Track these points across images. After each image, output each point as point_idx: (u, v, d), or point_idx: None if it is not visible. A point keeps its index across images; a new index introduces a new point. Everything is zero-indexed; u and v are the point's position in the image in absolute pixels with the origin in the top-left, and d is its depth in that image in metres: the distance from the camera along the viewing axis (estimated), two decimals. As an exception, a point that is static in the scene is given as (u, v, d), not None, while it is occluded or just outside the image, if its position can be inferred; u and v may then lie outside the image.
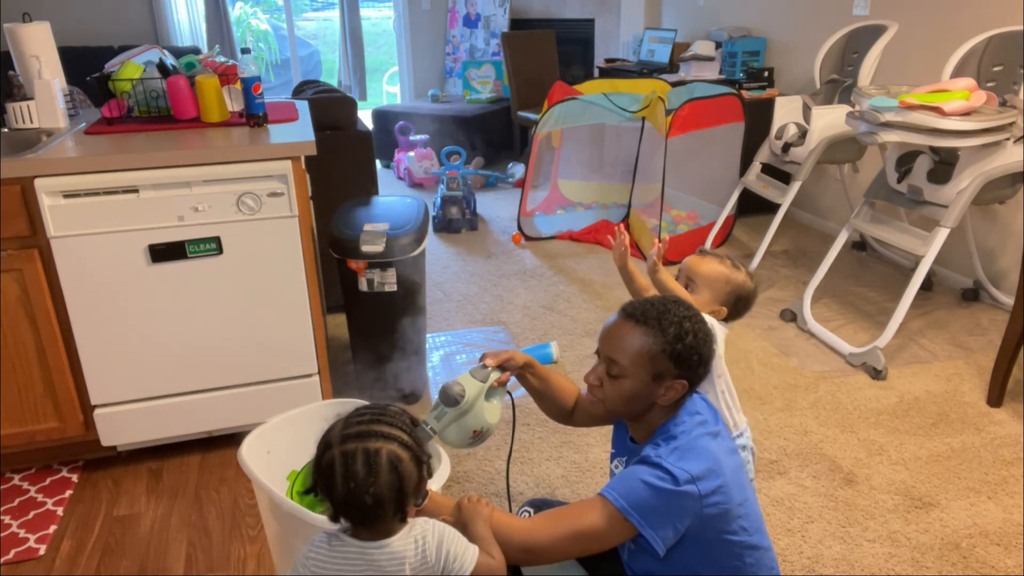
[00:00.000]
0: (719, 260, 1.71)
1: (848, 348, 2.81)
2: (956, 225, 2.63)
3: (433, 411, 1.48)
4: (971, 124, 2.43)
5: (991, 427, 2.37)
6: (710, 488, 1.20)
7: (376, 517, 1.11)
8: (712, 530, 1.23)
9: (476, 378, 1.48)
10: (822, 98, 3.52)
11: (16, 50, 2.22)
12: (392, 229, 2.35)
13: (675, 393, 1.28)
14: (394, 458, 1.09)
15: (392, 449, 1.10)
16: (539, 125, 4.07)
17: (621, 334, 1.29)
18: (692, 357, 1.26)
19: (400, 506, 1.11)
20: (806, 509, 2.02)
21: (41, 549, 1.93)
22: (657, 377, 1.26)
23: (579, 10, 6.05)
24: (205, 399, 2.20)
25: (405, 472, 1.10)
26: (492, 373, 1.49)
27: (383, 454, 1.09)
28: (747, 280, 1.70)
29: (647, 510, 1.19)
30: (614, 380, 1.29)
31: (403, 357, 2.49)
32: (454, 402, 1.45)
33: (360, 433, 1.11)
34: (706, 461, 1.22)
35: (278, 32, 8.66)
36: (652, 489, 1.19)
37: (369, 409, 1.17)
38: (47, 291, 1.99)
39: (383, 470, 1.08)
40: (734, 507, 1.23)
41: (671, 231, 3.87)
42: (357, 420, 1.14)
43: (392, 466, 1.08)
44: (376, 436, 1.10)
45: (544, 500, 1.61)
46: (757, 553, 1.29)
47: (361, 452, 1.08)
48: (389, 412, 1.16)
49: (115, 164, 1.91)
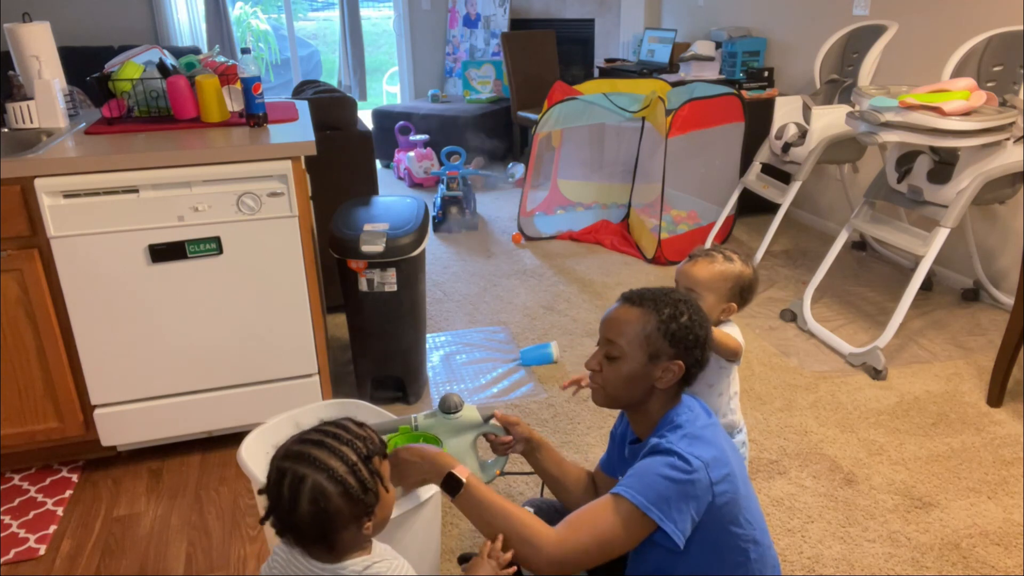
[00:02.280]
0: (710, 259, 1.68)
1: (848, 348, 2.81)
2: (956, 225, 2.63)
3: (426, 411, 1.49)
4: (971, 124, 2.43)
5: (991, 427, 2.37)
6: (720, 476, 1.21)
7: (301, 541, 1.06)
8: (719, 521, 1.23)
9: (480, 412, 1.49)
10: (822, 98, 3.52)
11: (16, 50, 2.22)
12: (392, 229, 2.35)
13: (672, 375, 1.29)
14: (318, 491, 1.02)
15: (318, 481, 1.02)
16: (539, 125, 4.07)
17: (619, 317, 1.32)
18: (688, 336, 1.28)
19: (321, 538, 1.05)
20: (806, 509, 2.02)
21: (41, 549, 1.93)
22: (653, 357, 1.28)
23: (579, 10, 6.05)
24: (205, 399, 2.20)
25: (329, 507, 1.02)
26: (493, 425, 1.50)
27: (307, 483, 1.02)
28: (744, 268, 1.68)
29: (665, 503, 1.18)
30: (612, 362, 1.31)
31: (403, 357, 2.49)
32: (448, 410, 1.46)
33: (298, 454, 1.05)
34: (714, 449, 1.23)
35: (278, 32, 8.66)
36: (667, 480, 1.18)
37: (330, 427, 1.09)
38: (47, 291, 1.99)
39: (303, 500, 1.02)
40: (740, 498, 1.24)
41: (671, 231, 3.87)
42: (306, 438, 1.08)
43: (313, 499, 1.02)
44: (309, 462, 1.03)
45: (545, 500, 1.61)
46: (760, 548, 1.29)
47: (289, 475, 1.03)
48: (347, 435, 1.08)
49: (115, 164, 1.91)
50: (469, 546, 1.89)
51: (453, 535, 1.93)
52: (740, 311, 1.72)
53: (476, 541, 1.91)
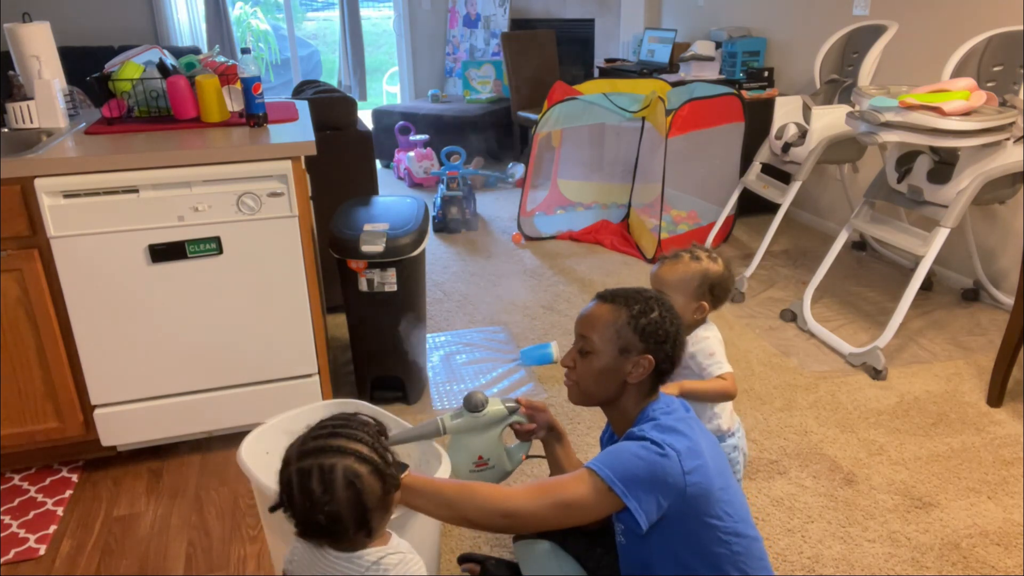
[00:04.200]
0: (675, 261, 1.71)
1: (848, 348, 2.81)
2: (956, 225, 2.63)
3: (452, 411, 1.50)
4: (971, 124, 2.43)
5: (991, 427, 2.37)
6: (692, 466, 1.23)
7: (335, 534, 1.08)
8: (695, 512, 1.25)
9: (504, 405, 1.51)
10: (822, 98, 3.52)
11: (16, 50, 2.22)
12: (392, 229, 2.35)
13: (643, 370, 1.31)
14: (351, 473, 1.05)
15: (348, 464, 1.06)
16: (539, 125, 4.07)
17: (592, 313, 1.36)
18: (657, 331, 1.31)
19: (362, 521, 1.07)
20: (806, 509, 2.02)
21: (41, 549, 1.93)
22: (624, 351, 1.31)
23: (579, 10, 6.05)
24: (205, 399, 2.20)
25: (364, 487, 1.06)
26: (519, 415, 1.52)
27: (338, 470, 1.05)
28: (711, 264, 1.70)
29: (632, 481, 1.21)
30: (585, 357, 1.35)
31: (403, 357, 2.49)
32: (475, 408, 1.47)
33: (317, 449, 1.07)
34: (687, 440, 1.25)
35: (278, 32, 8.65)
36: (638, 459, 1.22)
37: (330, 422, 1.13)
38: (47, 291, 1.99)
39: (339, 487, 1.04)
40: (715, 490, 1.26)
41: (671, 231, 3.87)
42: (315, 435, 1.10)
43: (348, 482, 1.05)
44: (332, 451, 1.06)
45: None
46: (744, 541, 1.30)
47: (316, 470, 1.05)
48: (351, 423, 1.12)
49: (115, 164, 1.91)
50: (469, 546, 1.89)
51: (453, 535, 1.93)
52: (718, 309, 1.73)
53: (475, 541, 1.91)
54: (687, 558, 1.28)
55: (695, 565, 1.28)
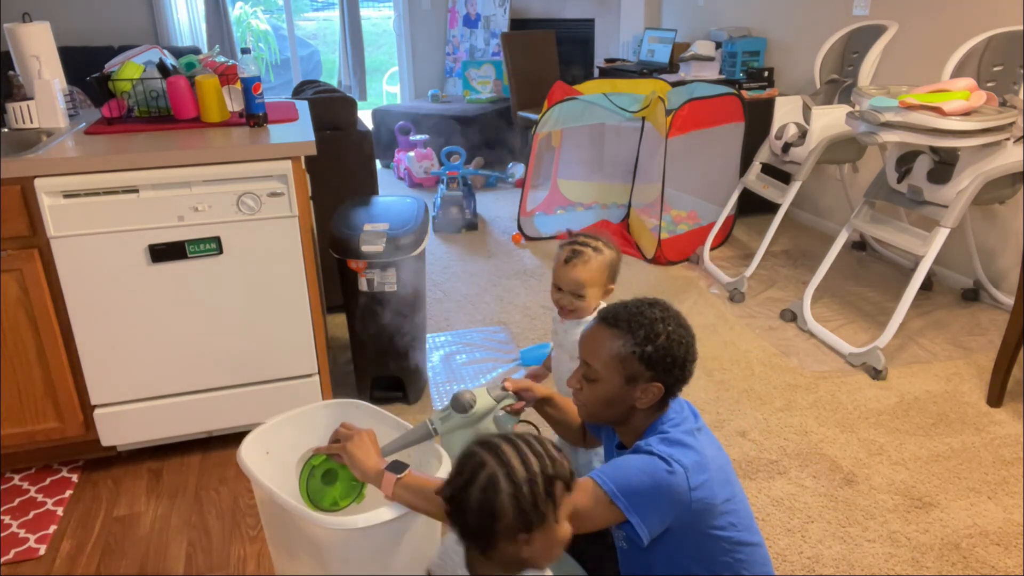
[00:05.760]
0: (583, 259, 1.75)
1: (848, 348, 2.81)
2: (956, 225, 2.63)
3: (441, 413, 1.49)
4: (971, 124, 2.43)
5: (991, 427, 2.37)
6: (698, 481, 1.21)
7: (462, 525, 1.07)
8: (699, 524, 1.24)
9: (491, 395, 1.50)
10: (822, 98, 3.52)
11: (16, 50, 2.22)
12: (392, 229, 2.35)
13: (652, 396, 1.27)
14: (491, 483, 1.04)
15: (495, 473, 1.04)
16: (539, 125, 4.07)
17: (595, 338, 1.30)
18: (665, 359, 1.25)
19: (482, 534, 1.05)
20: (806, 509, 2.02)
21: (41, 549, 1.93)
22: (630, 380, 1.27)
23: (579, 10, 6.05)
24: (205, 399, 2.20)
25: (496, 504, 1.03)
26: (508, 398, 1.51)
27: (485, 471, 1.04)
28: (609, 250, 1.78)
29: (635, 496, 1.19)
30: (591, 383, 1.30)
31: (403, 357, 2.49)
32: (462, 409, 1.47)
33: (492, 444, 1.07)
34: (695, 454, 1.23)
35: (278, 32, 8.66)
36: (643, 475, 1.20)
37: (526, 436, 1.10)
38: (47, 291, 1.99)
39: (476, 485, 1.04)
40: (719, 503, 1.24)
41: (671, 231, 3.87)
42: (504, 437, 1.09)
43: (484, 487, 1.04)
44: (496, 454, 1.06)
45: None
46: (748, 549, 1.29)
47: (476, 457, 1.06)
48: (536, 448, 1.08)
49: (115, 164, 1.91)
50: (469, 546, 1.89)
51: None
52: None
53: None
54: (689, 565, 1.27)
55: (697, 572, 1.28)
